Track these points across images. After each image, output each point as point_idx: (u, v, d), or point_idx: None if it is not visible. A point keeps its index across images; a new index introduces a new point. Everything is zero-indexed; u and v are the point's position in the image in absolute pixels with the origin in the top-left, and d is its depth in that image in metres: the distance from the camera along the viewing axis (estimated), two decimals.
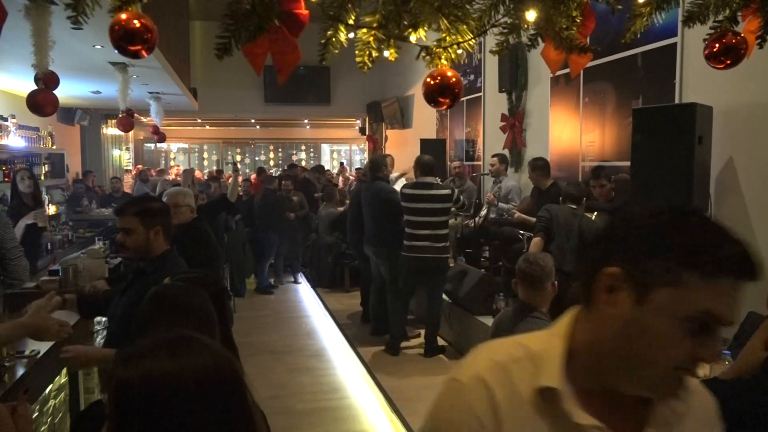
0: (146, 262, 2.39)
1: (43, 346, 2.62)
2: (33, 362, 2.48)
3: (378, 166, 5.77)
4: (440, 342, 5.73)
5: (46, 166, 8.44)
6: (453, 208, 5.38)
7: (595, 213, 4.48)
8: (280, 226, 8.04)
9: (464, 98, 8.00)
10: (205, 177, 11.28)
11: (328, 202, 8.32)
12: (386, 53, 2.07)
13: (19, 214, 4.86)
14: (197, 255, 3.46)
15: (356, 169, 12.91)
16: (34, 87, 4.43)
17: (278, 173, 11.72)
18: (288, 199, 8.32)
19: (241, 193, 8.47)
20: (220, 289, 1.92)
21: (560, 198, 4.45)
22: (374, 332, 5.87)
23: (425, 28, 1.94)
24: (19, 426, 1.51)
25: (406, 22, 1.94)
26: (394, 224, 5.43)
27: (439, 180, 5.50)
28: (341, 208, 8.10)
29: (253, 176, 11.49)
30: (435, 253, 5.12)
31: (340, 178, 10.81)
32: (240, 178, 10.81)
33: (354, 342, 5.66)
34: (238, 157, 16.97)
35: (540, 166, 5.38)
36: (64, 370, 2.65)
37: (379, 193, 5.62)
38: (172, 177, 11.53)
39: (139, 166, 12.96)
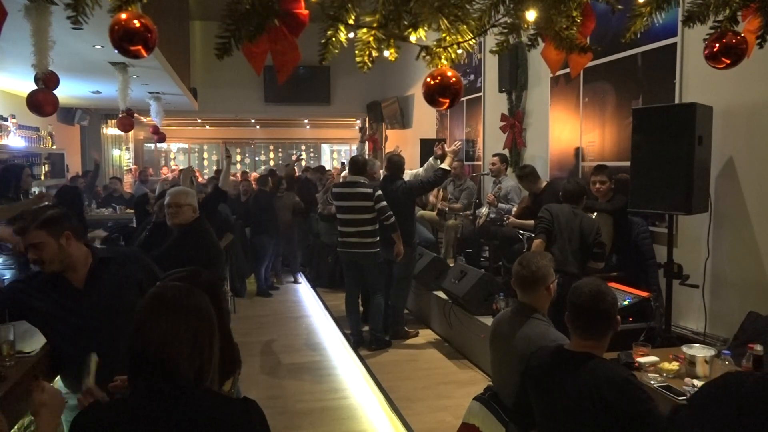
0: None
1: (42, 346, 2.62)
2: (33, 362, 2.47)
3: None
4: (440, 342, 5.74)
5: (46, 166, 8.45)
6: (376, 207, 5.30)
7: (595, 213, 4.48)
8: (274, 228, 7.86)
9: (464, 98, 8.00)
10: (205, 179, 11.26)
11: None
12: (386, 53, 2.07)
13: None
14: (199, 256, 3.46)
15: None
16: (34, 87, 4.43)
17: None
18: (281, 199, 8.06)
19: (239, 191, 8.43)
20: (213, 284, 1.92)
21: (560, 195, 4.43)
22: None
23: (425, 28, 1.94)
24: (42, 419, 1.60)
25: (406, 22, 1.94)
26: (410, 222, 5.62)
27: (366, 180, 5.53)
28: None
29: (253, 175, 11.46)
30: (363, 248, 5.40)
31: (341, 178, 10.77)
32: (239, 176, 10.80)
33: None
34: (238, 157, 16.96)
35: (527, 173, 5.37)
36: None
37: (396, 192, 5.61)
38: (171, 176, 11.52)
39: (135, 167, 12.97)
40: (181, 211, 3.61)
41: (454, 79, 1.96)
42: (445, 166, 5.55)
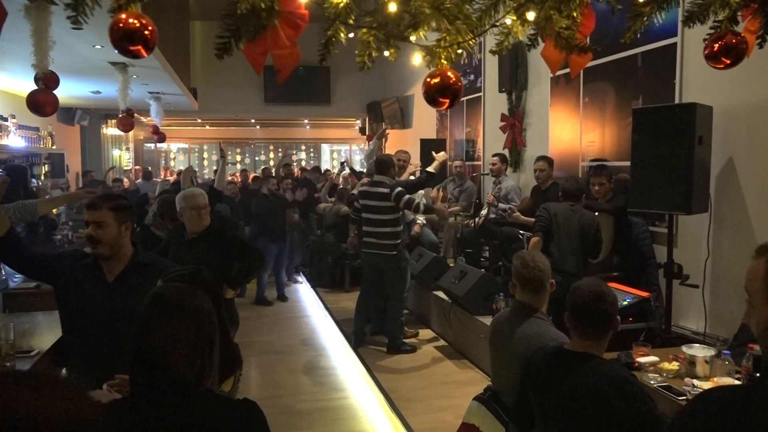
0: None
1: (43, 346, 2.63)
2: (33, 362, 2.48)
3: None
4: (440, 342, 5.75)
5: (46, 166, 8.45)
6: (401, 202, 5.20)
7: (596, 213, 4.47)
8: (278, 233, 7.42)
9: (464, 98, 8.00)
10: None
11: (339, 201, 8.17)
12: (386, 53, 2.08)
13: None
14: (234, 251, 3.56)
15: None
16: (34, 87, 4.43)
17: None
18: (284, 200, 7.72)
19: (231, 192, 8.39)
20: (213, 284, 1.92)
21: (559, 195, 4.44)
22: (374, 332, 5.87)
23: (425, 28, 1.94)
24: None
25: (406, 22, 1.94)
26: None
27: (390, 180, 5.37)
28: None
29: (252, 175, 11.46)
30: (381, 249, 5.30)
31: (341, 179, 10.80)
32: (238, 176, 10.79)
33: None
34: (238, 157, 16.97)
35: (550, 162, 5.45)
36: (64, 370, 2.65)
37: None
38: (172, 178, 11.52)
39: (137, 167, 12.98)
40: (206, 213, 3.57)
41: (454, 79, 1.96)
42: (430, 169, 5.48)
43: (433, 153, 5.85)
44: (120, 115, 7.58)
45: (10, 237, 2.33)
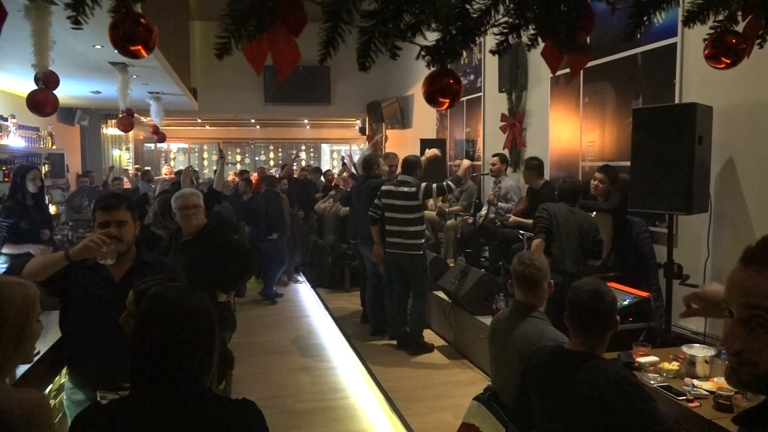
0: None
1: (43, 346, 2.62)
2: (33, 362, 2.47)
3: (370, 164, 5.75)
4: (440, 342, 5.74)
5: (46, 166, 8.44)
6: (426, 199, 5.31)
7: (594, 213, 4.47)
8: (284, 226, 7.76)
9: (464, 98, 8.00)
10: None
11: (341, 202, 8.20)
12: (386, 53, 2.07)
13: (13, 212, 4.85)
14: (230, 252, 3.55)
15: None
16: (34, 87, 4.43)
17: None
18: (285, 200, 8.00)
19: (238, 190, 8.41)
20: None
21: (556, 194, 4.43)
22: (374, 332, 5.87)
23: (425, 28, 1.94)
24: None
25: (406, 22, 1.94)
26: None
27: (414, 179, 5.38)
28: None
29: (254, 175, 11.45)
30: (405, 249, 5.29)
31: (341, 179, 10.78)
32: (236, 178, 10.79)
33: (354, 342, 5.66)
34: (238, 157, 16.96)
35: (533, 165, 5.42)
36: (64, 370, 2.65)
37: (370, 191, 5.62)
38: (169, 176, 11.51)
39: (137, 166, 12.96)
40: (198, 212, 3.54)
41: (454, 79, 1.96)
42: None
43: (427, 150, 5.90)
44: (120, 115, 7.57)
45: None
